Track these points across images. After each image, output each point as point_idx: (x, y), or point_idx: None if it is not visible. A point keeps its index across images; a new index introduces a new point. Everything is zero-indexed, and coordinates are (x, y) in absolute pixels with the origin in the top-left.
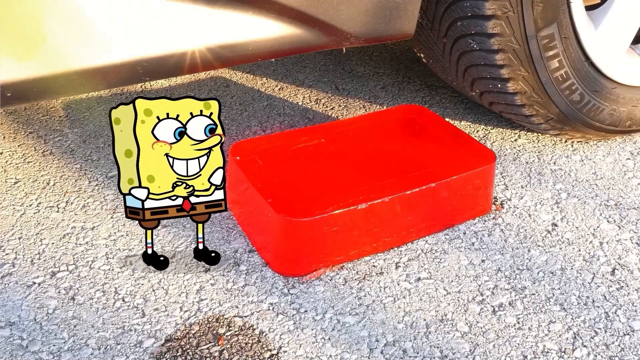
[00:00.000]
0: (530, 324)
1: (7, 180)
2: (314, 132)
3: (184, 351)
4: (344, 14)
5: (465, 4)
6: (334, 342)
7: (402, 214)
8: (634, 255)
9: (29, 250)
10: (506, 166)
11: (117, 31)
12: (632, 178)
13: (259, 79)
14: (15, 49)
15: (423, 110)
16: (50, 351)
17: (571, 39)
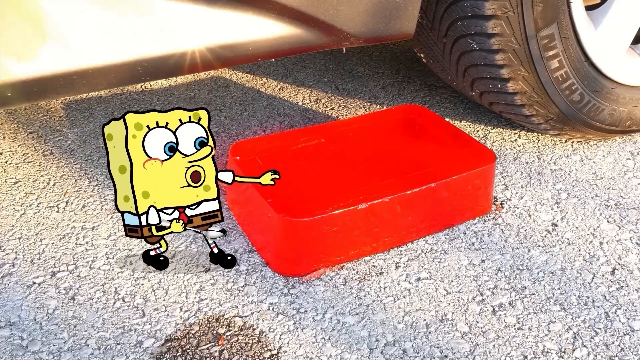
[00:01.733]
0: (530, 324)
1: (7, 180)
2: (314, 132)
3: (184, 351)
4: (344, 14)
5: (465, 4)
6: (334, 342)
7: (402, 214)
8: (634, 255)
9: (29, 250)
10: (506, 166)
11: (117, 31)
12: (632, 178)
13: (259, 79)
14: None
15: (423, 110)
16: (50, 351)
17: (571, 39)
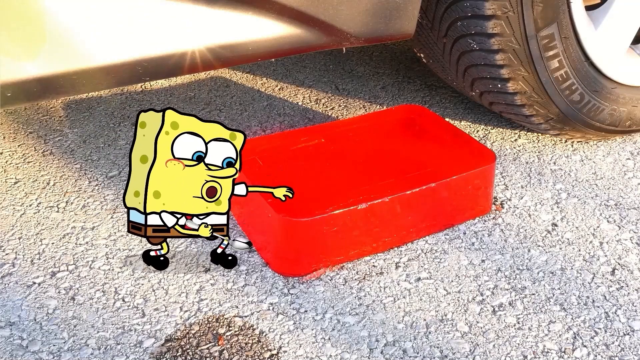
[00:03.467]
0: (530, 324)
1: (7, 180)
2: (314, 132)
3: (184, 351)
4: (344, 14)
5: (465, 4)
6: (334, 342)
7: (402, 214)
8: (634, 255)
9: (29, 250)
10: (506, 166)
11: (117, 31)
12: (632, 178)
13: (259, 79)
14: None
15: (423, 110)
16: (50, 351)
17: (571, 39)
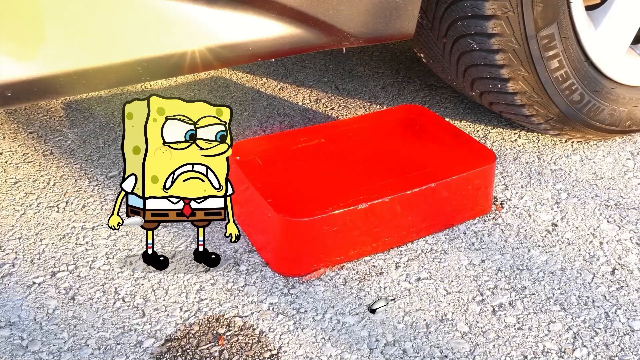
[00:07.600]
0: (530, 324)
1: (7, 180)
2: (314, 132)
3: (184, 351)
4: (344, 14)
5: (465, 4)
6: (334, 342)
7: (402, 214)
8: (634, 255)
9: (29, 250)
10: (506, 166)
11: (117, 31)
12: (632, 178)
13: (259, 79)
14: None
15: (423, 110)
16: (50, 351)
17: (571, 39)
